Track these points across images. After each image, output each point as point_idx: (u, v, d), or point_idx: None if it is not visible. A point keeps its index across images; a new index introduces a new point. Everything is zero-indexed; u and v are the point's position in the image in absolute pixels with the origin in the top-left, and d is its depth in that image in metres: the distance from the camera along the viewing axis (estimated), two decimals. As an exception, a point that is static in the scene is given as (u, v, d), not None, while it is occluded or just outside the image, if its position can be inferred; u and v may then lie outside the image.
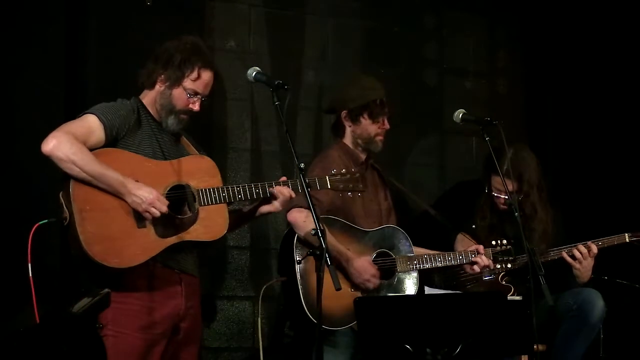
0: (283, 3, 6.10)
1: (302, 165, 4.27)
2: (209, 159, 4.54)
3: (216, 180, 4.47)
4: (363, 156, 5.44)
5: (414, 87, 6.52)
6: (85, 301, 3.74)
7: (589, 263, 5.53)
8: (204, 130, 5.80)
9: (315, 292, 4.88)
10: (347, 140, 5.44)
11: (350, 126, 5.42)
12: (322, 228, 4.06)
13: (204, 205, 4.38)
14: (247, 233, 5.91)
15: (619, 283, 5.92)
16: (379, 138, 5.39)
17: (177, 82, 4.43)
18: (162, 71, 4.45)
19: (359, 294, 5.10)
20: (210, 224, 4.40)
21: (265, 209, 4.58)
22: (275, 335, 5.84)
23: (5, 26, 5.11)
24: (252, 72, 4.44)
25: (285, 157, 5.92)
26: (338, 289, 4.00)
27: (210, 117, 5.83)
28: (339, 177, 4.63)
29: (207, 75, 4.48)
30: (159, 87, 4.47)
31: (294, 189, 4.51)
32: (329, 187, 4.61)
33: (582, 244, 5.53)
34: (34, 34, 5.18)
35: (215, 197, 4.39)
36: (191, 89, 4.45)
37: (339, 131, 5.47)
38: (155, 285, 4.34)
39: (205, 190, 4.39)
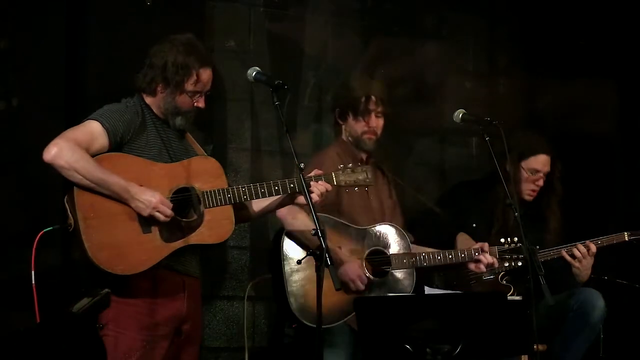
0: (283, 3, 6.10)
1: (302, 165, 4.27)
2: (214, 160, 4.50)
3: (221, 182, 4.43)
4: (363, 155, 5.43)
5: (414, 87, 6.52)
6: (85, 301, 3.74)
7: (588, 262, 5.53)
8: (204, 130, 5.81)
9: (302, 290, 4.94)
10: (344, 138, 5.44)
11: (342, 124, 5.43)
12: (322, 228, 4.06)
13: (209, 207, 4.34)
14: (247, 233, 5.91)
15: (619, 283, 5.93)
16: (367, 136, 5.35)
17: (177, 88, 4.40)
18: (160, 79, 4.40)
19: (344, 294, 5.06)
20: (215, 226, 4.37)
21: (301, 200, 4.51)
22: (275, 335, 5.84)
23: (5, 26, 5.11)
24: (252, 72, 4.43)
25: (285, 157, 5.92)
26: (338, 289, 4.01)
27: (210, 117, 5.83)
28: (345, 172, 4.58)
29: (206, 74, 4.45)
30: (160, 93, 4.43)
31: (300, 188, 4.37)
32: (335, 183, 4.56)
33: (581, 243, 5.54)
34: (34, 34, 5.18)
35: (220, 199, 4.35)
36: (192, 91, 4.42)
37: (337, 129, 5.49)
38: (158, 287, 4.32)
39: (210, 192, 4.36)
